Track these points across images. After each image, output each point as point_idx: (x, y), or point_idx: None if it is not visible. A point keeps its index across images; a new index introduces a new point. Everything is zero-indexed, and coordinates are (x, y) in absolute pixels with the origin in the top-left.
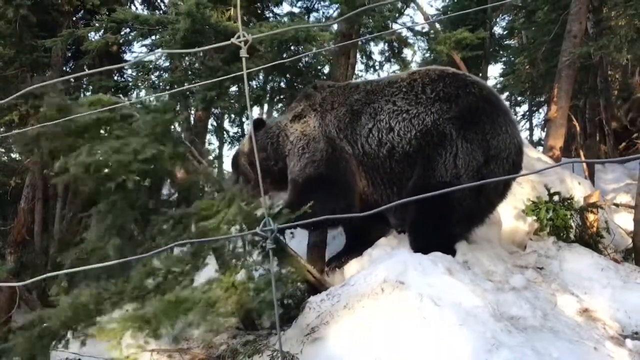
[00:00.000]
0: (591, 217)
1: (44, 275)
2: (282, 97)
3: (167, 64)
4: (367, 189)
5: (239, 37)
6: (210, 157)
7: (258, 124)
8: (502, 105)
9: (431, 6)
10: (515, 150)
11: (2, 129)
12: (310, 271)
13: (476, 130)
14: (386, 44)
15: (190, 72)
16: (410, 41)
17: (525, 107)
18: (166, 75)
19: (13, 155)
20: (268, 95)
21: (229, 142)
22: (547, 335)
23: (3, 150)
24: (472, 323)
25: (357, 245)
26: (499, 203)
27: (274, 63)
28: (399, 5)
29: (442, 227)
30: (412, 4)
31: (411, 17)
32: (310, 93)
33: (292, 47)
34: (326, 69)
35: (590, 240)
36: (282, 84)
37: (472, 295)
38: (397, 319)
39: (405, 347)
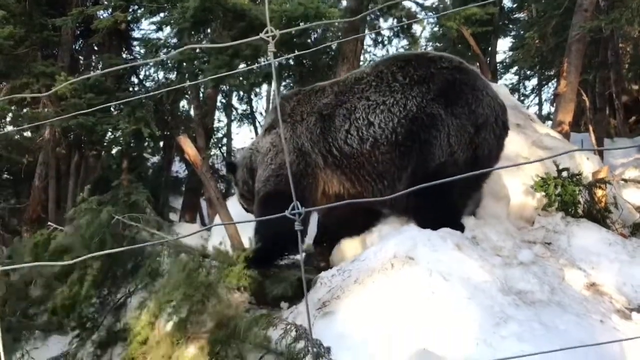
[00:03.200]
0: (599, 192)
1: (72, 261)
2: (290, 73)
3: (174, 40)
4: (352, 190)
5: (267, 32)
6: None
7: (231, 167)
8: (473, 70)
9: None
10: (501, 111)
11: (14, 108)
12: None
13: (461, 104)
14: (395, 20)
15: (199, 51)
16: (420, 17)
17: (534, 82)
18: (174, 52)
19: (25, 134)
20: (276, 71)
21: (238, 120)
22: (554, 309)
23: (15, 128)
24: (480, 297)
25: None
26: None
27: (302, 52)
28: None
29: (445, 204)
30: None
31: None
32: (280, 104)
33: (300, 24)
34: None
35: (599, 215)
36: (291, 61)
37: (481, 270)
38: (406, 293)
39: (414, 320)
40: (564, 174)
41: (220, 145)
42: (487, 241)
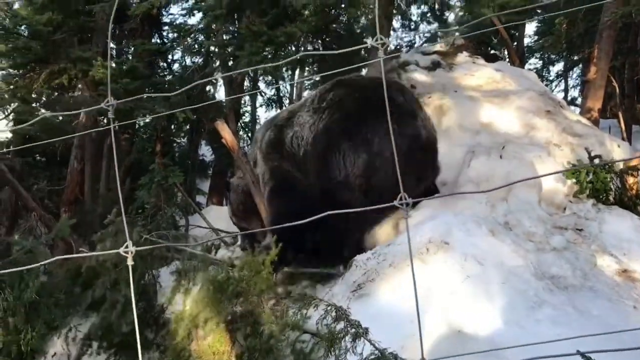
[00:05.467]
0: (631, 179)
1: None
2: (315, 59)
3: (201, 25)
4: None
5: (376, 39)
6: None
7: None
8: (396, 102)
9: None
10: (412, 145)
11: (50, 92)
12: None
13: (357, 132)
14: (426, 6)
15: (232, 37)
16: (452, 2)
17: (558, 67)
18: (202, 38)
19: (60, 118)
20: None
21: (266, 105)
22: (587, 294)
23: (51, 112)
24: (514, 282)
25: None
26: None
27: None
28: None
29: None
30: None
31: None
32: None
33: (333, 11)
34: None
35: (630, 202)
36: (320, 48)
37: (514, 255)
38: (442, 277)
39: (449, 303)
40: (596, 161)
41: (247, 129)
42: (520, 227)
